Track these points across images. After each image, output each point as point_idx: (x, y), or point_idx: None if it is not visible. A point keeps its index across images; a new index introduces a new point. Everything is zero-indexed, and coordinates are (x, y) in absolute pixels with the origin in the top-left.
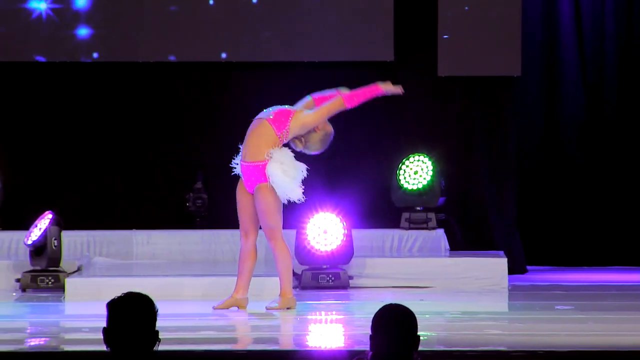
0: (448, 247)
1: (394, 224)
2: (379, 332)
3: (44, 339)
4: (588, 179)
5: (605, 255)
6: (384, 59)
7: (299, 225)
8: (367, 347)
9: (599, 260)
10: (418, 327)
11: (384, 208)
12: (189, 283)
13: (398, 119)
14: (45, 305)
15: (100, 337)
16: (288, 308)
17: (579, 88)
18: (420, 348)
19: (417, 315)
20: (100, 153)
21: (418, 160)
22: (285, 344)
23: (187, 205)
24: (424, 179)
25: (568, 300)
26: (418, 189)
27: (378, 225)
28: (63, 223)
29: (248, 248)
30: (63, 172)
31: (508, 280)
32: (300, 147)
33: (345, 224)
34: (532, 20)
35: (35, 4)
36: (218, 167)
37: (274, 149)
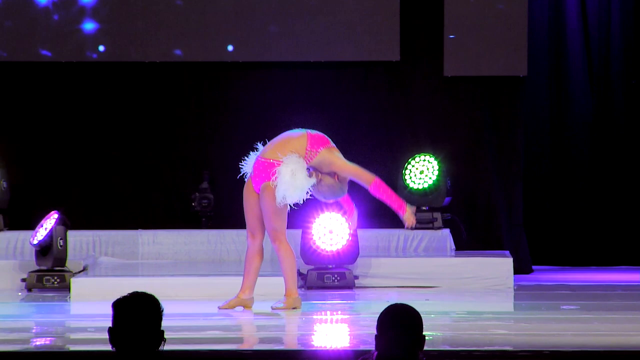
0: (454, 247)
1: (400, 224)
2: (385, 332)
3: (50, 339)
4: (594, 179)
5: (611, 255)
6: (390, 59)
7: (305, 225)
8: (372, 347)
9: (605, 260)
10: (423, 327)
11: (390, 208)
12: (195, 283)
13: (404, 119)
14: (51, 305)
15: (106, 337)
16: (294, 308)
17: (586, 88)
18: (426, 348)
19: (422, 315)
20: (106, 153)
21: (424, 160)
22: (291, 344)
23: (192, 205)
24: (430, 179)
25: (574, 300)
26: (424, 189)
27: (384, 225)
28: (69, 223)
29: (255, 248)
30: (69, 171)
31: (514, 280)
32: (314, 180)
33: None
34: (538, 20)
35: None
36: (224, 167)
37: (294, 155)
